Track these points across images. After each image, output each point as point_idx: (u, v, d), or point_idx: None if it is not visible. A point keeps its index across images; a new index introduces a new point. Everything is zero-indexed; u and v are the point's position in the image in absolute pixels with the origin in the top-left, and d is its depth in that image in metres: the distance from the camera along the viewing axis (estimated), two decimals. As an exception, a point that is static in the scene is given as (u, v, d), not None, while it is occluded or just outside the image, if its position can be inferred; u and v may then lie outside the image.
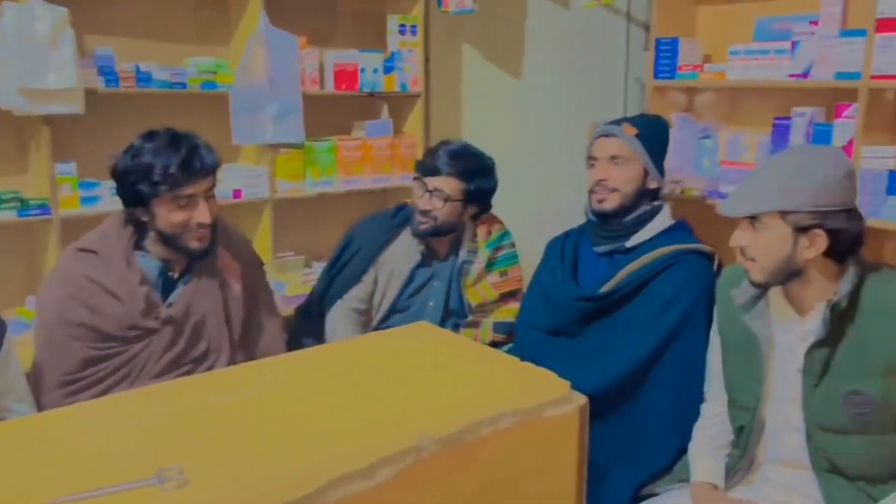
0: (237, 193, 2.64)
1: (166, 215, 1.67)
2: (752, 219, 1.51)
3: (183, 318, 1.74)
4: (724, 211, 1.55)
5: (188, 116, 2.56)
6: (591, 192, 1.99)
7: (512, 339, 2.19)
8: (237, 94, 2.62)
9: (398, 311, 2.18)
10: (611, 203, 1.98)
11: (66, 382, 1.66)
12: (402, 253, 2.19)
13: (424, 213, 2.11)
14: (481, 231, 2.22)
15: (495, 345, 2.18)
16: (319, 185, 2.87)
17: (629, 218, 1.97)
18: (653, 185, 1.96)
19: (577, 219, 2.09)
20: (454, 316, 2.19)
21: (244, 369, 1.10)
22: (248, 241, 2.00)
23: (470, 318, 2.17)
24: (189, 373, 1.74)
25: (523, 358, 1.08)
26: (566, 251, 2.08)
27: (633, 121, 2.01)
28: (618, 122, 2.01)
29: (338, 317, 2.16)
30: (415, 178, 2.15)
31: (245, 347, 1.85)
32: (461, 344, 1.14)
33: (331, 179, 2.89)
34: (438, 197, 2.09)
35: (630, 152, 1.96)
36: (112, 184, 1.73)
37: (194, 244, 1.72)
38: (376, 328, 2.18)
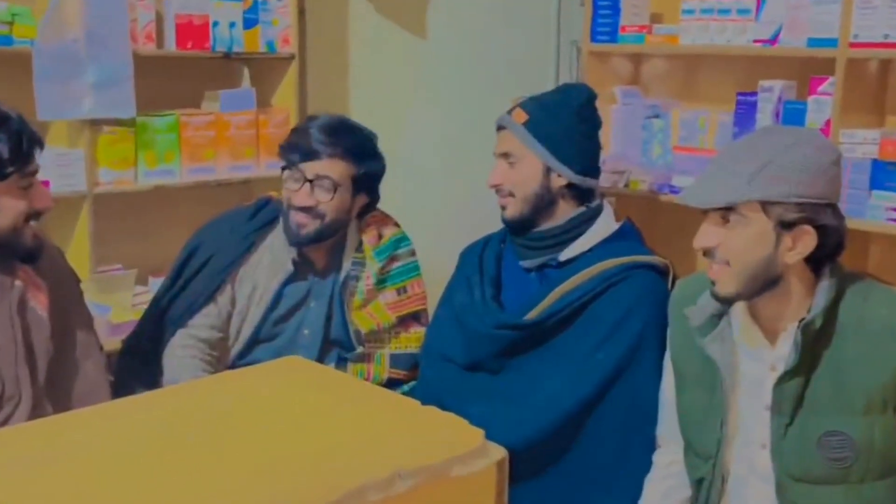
0: (43, 185, 2.56)
1: (10, 204, 1.69)
2: (726, 212, 1.52)
3: (-36, 355, 1.70)
4: (688, 200, 1.55)
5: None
6: None
7: (415, 376, 2.21)
8: (42, 52, 2.54)
9: (263, 342, 2.17)
10: (510, 211, 2.04)
11: None
12: (268, 264, 2.17)
13: (307, 210, 2.11)
14: (369, 235, 2.23)
15: (394, 383, 2.19)
16: (156, 174, 2.82)
17: (558, 224, 2.03)
18: (560, 182, 2.02)
19: (497, 221, 2.13)
20: (338, 347, 2.19)
21: (54, 423, 1.08)
22: (58, 249, 1.96)
23: (359, 349, 2.18)
24: (-23, 428, 1.68)
25: (429, 399, 1.11)
26: (486, 264, 2.11)
27: (528, 102, 2.04)
28: (520, 105, 2.04)
29: (179, 351, 2.12)
30: (285, 168, 2.14)
31: (54, 393, 1.81)
32: (345, 384, 1.15)
33: (172, 167, 2.84)
34: (323, 187, 2.10)
35: (520, 146, 2.01)
36: None
37: (30, 241, 1.74)
38: (234, 365, 2.16)
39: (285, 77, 3.06)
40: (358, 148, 2.13)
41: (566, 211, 2.04)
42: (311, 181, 2.09)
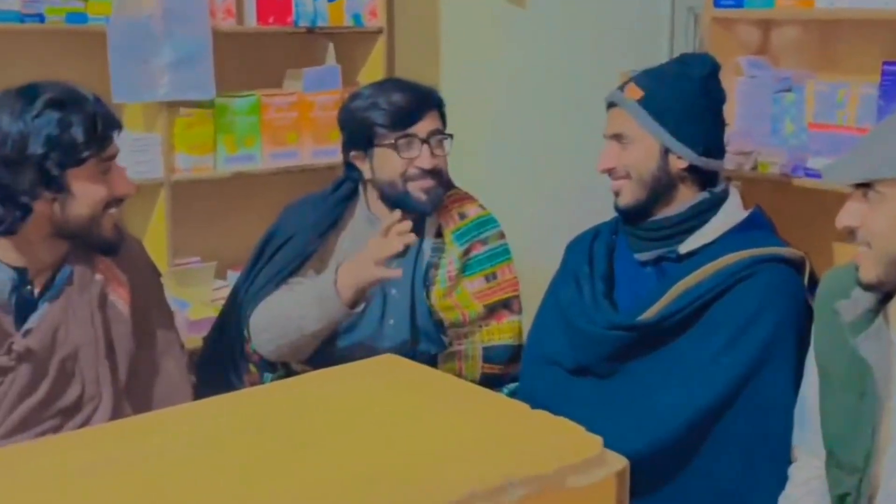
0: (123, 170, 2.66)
1: (89, 190, 1.74)
2: (866, 189, 1.53)
3: (46, 352, 1.76)
4: (824, 176, 1.56)
5: (45, 63, 2.57)
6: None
7: (512, 371, 2.22)
8: (117, 30, 2.63)
9: (346, 331, 2.19)
10: (624, 198, 2.02)
11: None
12: (350, 240, 2.21)
13: (433, 173, 2.15)
14: (447, 217, 2.25)
15: (490, 381, 2.19)
16: (236, 160, 2.89)
17: (679, 212, 2.01)
18: (680, 164, 1.99)
19: (607, 210, 2.12)
20: (424, 339, 2.21)
21: (134, 424, 1.12)
22: (138, 240, 2.02)
23: (448, 345, 2.20)
24: (55, 430, 1.76)
25: (536, 404, 1.12)
26: (596, 257, 2.10)
27: (642, 77, 2.02)
28: (631, 80, 2.02)
29: (268, 301, 2.13)
30: (390, 144, 2.15)
31: (134, 394, 1.87)
32: (447, 384, 1.16)
33: (252, 152, 2.91)
34: (441, 141, 2.17)
35: (635, 126, 1.99)
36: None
37: (110, 231, 1.80)
38: (314, 357, 2.19)
39: (372, 53, 3.10)
40: (434, 99, 2.20)
41: (687, 197, 2.02)
42: (426, 140, 2.13)
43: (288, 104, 2.95)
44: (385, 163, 2.16)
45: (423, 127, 2.15)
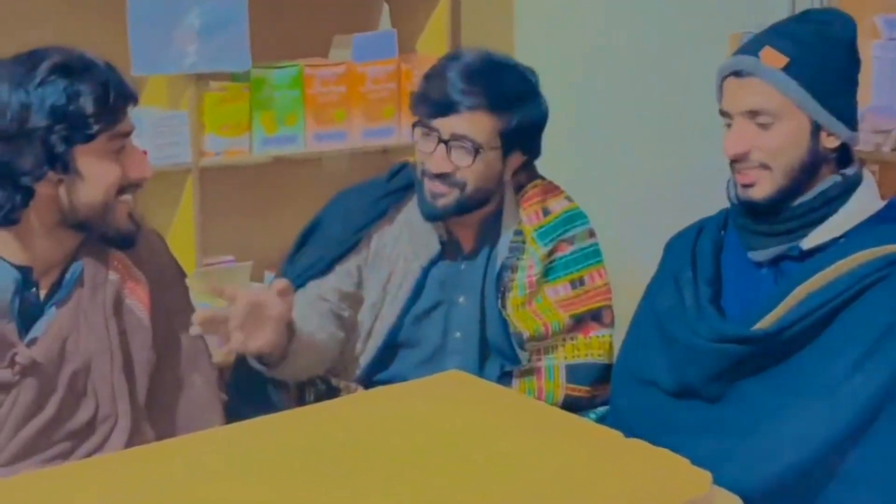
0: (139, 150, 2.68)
1: (99, 170, 1.75)
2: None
3: (54, 365, 1.77)
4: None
5: (54, 29, 2.59)
6: (732, 167, 1.99)
7: (598, 393, 2.20)
8: (138, -9, 2.64)
9: (402, 346, 2.20)
10: (762, 188, 1.94)
11: None
12: (406, 242, 2.21)
13: (442, 178, 2.12)
14: (530, 211, 2.24)
15: (573, 405, 2.17)
16: (275, 142, 2.89)
17: (802, 200, 1.96)
18: (831, 144, 1.94)
19: (717, 201, 2.09)
20: (498, 356, 2.20)
21: (158, 451, 1.13)
22: (158, 234, 2.02)
23: (525, 361, 2.18)
24: (65, 456, 1.76)
25: (630, 432, 1.09)
26: (701, 257, 2.07)
27: (778, 39, 1.94)
28: (758, 44, 1.95)
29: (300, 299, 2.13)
30: (416, 125, 2.16)
31: (156, 414, 1.87)
32: (526, 408, 1.15)
33: (294, 133, 2.91)
34: (463, 149, 2.11)
35: (780, 101, 1.92)
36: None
37: (124, 221, 1.80)
38: (367, 380, 2.18)
39: (433, 15, 3.09)
40: (508, 94, 2.14)
41: (818, 181, 1.98)
42: (446, 141, 2.10)
43: (335, 76, 2.94)
44: (416, 147, 2.17)
45: (449, 125, 2.11)
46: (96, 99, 1.72)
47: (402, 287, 2.19)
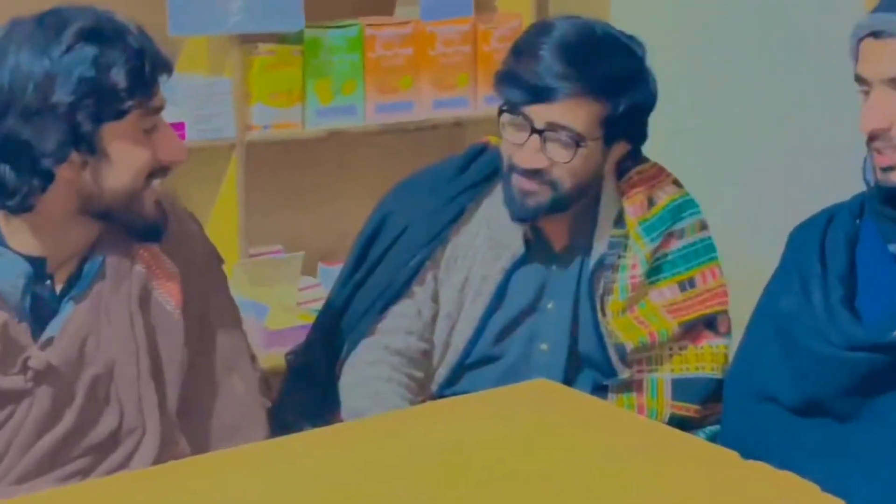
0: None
1: (130, 153, 1.75)
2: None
3: (72, 369, 1.77)
4: None
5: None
6: (869, 146, 1.96)
7: (709, 412, 2.19)
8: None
9: (480, 363, 2.19)
10: None
11: None
12: (484, 241, 2.20)
13: (535, 174, 2.12)
14: (634, 201, 2.21)
15: (680, 424, 2.13)
16: (331, 113, 2.90)
17: None
18: None
19: (850, 185, 2.06)
20: (591, 368, 2.19)
21: (192, 468, 1.13)
22: (192, 217, 2.02)
23: (624, 373, 2.17)
24: (85, 472, 1.76)
25: (745, 454, 1.07)
26: (832, 251, 2.04)
27: None
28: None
29: (365, 369, 2.16)
30: (503, 110, 2.14)
31: (189, 423, 1.87)
32: (629, 423, 1.14)
33: (353, 103, 2.93)
34: (559, 141, 2.09)
35: None
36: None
37: (151, 209, 1.80)
38: (441, 396, 2.19)
39: (515, -32, 3.08)
40: (613, 75, 2.11)
41: None
42: (540, 132, 2.09)
43: (400, 38, 2.95)
44: (503, 134, 2.15)
45: (545, 113, 2.08)
46: (130, 70, 1.71)
47: (480, 293, 2.18)
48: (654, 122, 2.24)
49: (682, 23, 3.37)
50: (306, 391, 2.29)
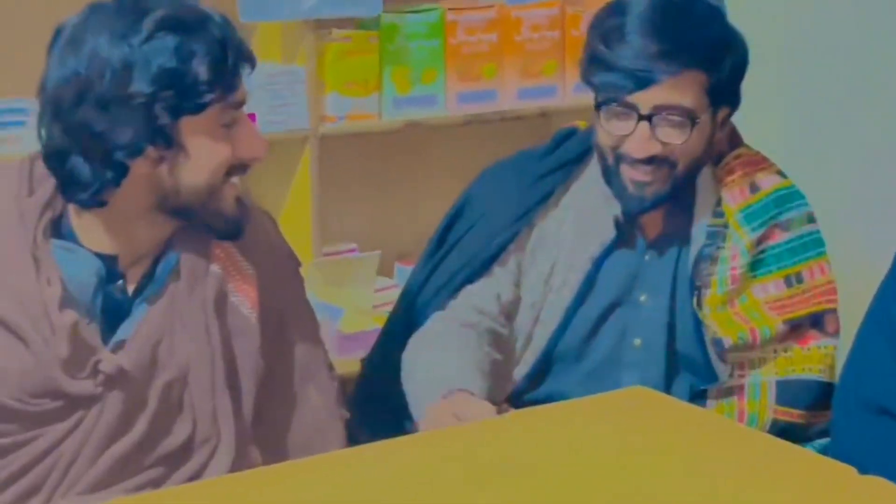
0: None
1: (209, 148, 1.77)
2: None
3: (145, 374, 1.78)
4: None
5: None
6: None
7: (817, 419, 2.17)
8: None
9: (564, 357, 2.18)
10: None
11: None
12: (572, 227, 2.20)
13: (649, 162, 2.10)
14: (733, 188, 2.20)
15: (785, 431, 2.12)
16: (410, 103, 2.91)
17: None
18: None
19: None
20: (688, 369, 2.19)
21: (268, 477, 1.14)
22: (269, 217, 2.05)
23: (724, 377, 2.15)
24: (157, 483, 1.78)
25: (861, 468, 1.06)
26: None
27: None
28: None
29: (430, 342, 2.15)
30: (599, 105, 2.12)
31: (264, 433, 1.88)
32: (735, 434, 1.13)
33: (433, 92, 2.93)
34: (671, 123, 2.09)
35: None
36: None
37: (231, 207, 1.82)
38: (520, 398, 2.19)
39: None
40: (708, 41, 2.10)
41: None
42: (649, 117, 2.08)
43: (484, 22, 2.95)
44: (598, 121, 2.14)
45: (649, 97, 2.06)
46: (212, 62, 1.73)
47: (566, 283, 2.18)
48: (759, 113, 2.23)
49: (789, 7, 3.34)
50: (382, 397, 2.29)
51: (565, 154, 2.25)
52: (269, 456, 1.85)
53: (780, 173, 2.24)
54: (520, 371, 2.21)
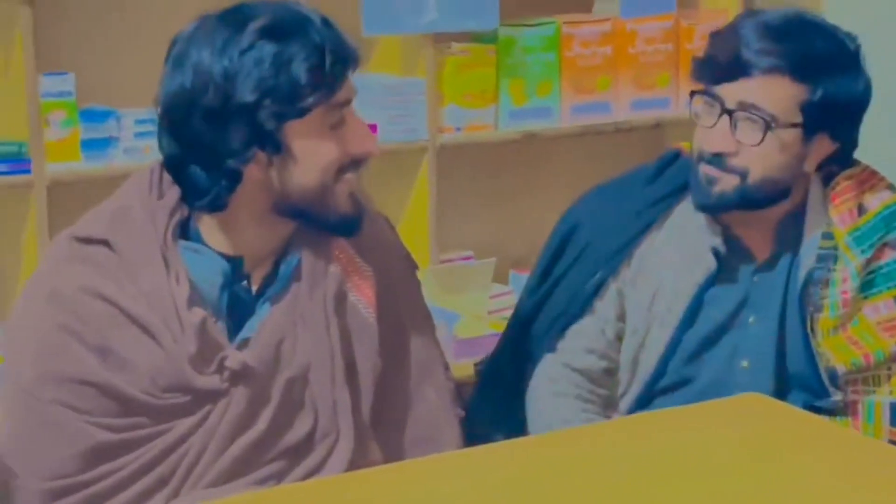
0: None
1: (315, 150, 1.80)
2: None
3: (269, 371, 1.81)
4: None
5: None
6: None
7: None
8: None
9: (673, 386, 2.17)
10: None
11: (54, 495, 1.76)
12: (675, 252, 2.19)
13: (720, 159, 2.10)
14: (841, 209, 2.16)
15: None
16: (525, 115, 2.92)
17: None
18: None
19: None
20: (800, 389, 2.15)
21: (390, 475, 1.16)
22: (385, 218, 2.07)
23: (836, 395, 2.13)
24: (279, 476, 1.80)
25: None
26: None
27: None
28: None
29: (545, 385, 2.19)
30: (695, 93, 2.13)
31: (382, 430, 1.90)
32: (856, 443, 1.11)
33: (548, 104, 2.94)
34: (750, 121, 2.07)
35: None
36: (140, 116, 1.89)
37: (345, 204, 1.84)
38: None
39: (722, -38, 3.06)
40: (816, 56, 2.07)
41: None
42: (731, 112, 2.08)
43: (598, 35, 2.96)
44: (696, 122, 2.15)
45: (737, 91, 2.06)
46: (310, 67, 1.75)
47: (671, 310, 2.16)
48: (869, 124, 2.19)
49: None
50: (496, 401, 2.32)
51: (669, 182, 2.23)
52: (387, 452, 1.87)
53: (891, 187, 2.20)
54: (627, 401, 2.20)
